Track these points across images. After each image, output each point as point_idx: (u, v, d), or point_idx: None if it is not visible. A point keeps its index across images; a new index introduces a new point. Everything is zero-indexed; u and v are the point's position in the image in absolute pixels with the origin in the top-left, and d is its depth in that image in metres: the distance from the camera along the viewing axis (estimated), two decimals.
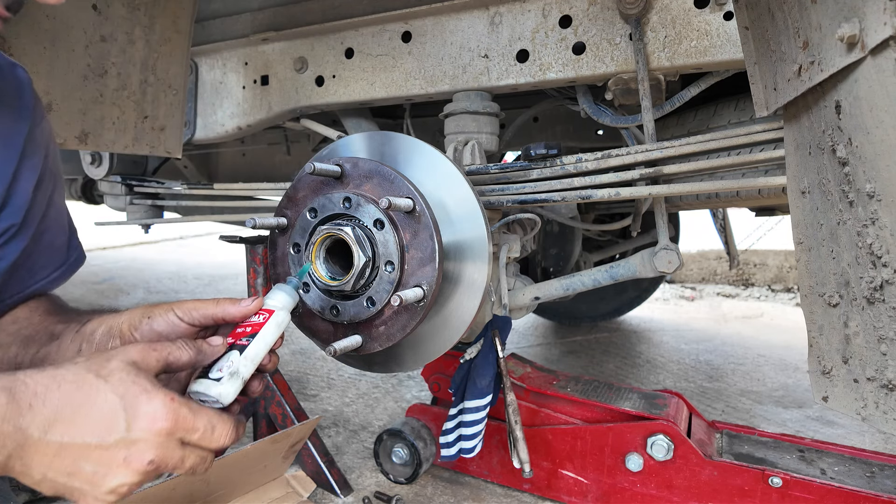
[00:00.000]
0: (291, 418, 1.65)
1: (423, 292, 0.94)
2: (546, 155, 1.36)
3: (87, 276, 4.98)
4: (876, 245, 0.77)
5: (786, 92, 0.93)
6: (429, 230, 0.95)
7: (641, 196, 1.33)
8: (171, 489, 1.17)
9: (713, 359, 3.06)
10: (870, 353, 0.81)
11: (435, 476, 1.75)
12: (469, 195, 1.03)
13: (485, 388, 1.44)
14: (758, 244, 5.33)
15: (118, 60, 1.49)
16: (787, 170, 1.01)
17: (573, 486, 1.57)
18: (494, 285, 1.58)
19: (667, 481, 1.45)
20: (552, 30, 1.43)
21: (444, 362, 1.70)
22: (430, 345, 1.07)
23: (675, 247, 1.40)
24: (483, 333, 1.50)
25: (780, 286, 4.97)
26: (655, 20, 1.32)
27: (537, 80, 1.46)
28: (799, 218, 0.97)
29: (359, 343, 0.99)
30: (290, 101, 1.79)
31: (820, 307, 0.92)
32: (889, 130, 0.71)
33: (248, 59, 1.86)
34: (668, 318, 4.00)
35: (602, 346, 3.28)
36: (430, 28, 1.57)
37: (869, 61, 0.71)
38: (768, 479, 1.33)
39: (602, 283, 1.53)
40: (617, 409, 1.54)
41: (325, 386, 2.54)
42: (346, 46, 1.69)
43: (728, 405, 2.40)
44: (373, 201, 0.97)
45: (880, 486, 1.29)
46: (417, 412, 1.74)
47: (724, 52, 1.27)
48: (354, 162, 1.01)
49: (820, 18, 0.80)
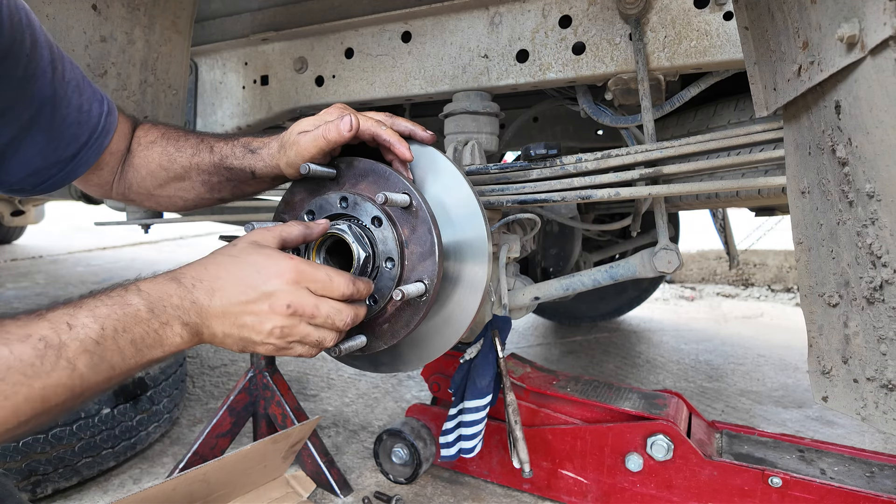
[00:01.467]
0: (291, 418, 1.65)
1: (425, 287, 0.94)
2: (546, 155, 1.36)
3: (86, 276, 4.98)
4: (876, 245, 0.77)
5: (785, 92, 0.93)
6: (427, 225, 0.95)
7: (641, 196, 1.33)
8: (172, 489, 1.17)
9: (713, 359, 3.06)
10: (869, 353, 0.81)
11: (435, 476, 1.75)
12: (469, 195, 1.03)
13: (485, 388, 1.44)
14: (758, 244, 5.33)
15: (118, 60, 1.49)
16: (787, 170, 1.01)
17: (573, 486, 1.57)
18: (494, 285, 1.58)
19: (667, 481, 1.45)
20: (552, 30, 1.43)
21: (443, 362, 1.71)
22: (432, 344, 1.07)
23: (674, 247, 1.40)
24: (483, 333, 1.50)
25: (780, 286, 4.98)
26: (655, 20, 1.32)
27: (537, 80, 1.46)
28: (799, 218, 0.97)
29: (364, 342, 0.99)
30: (289, 101, 1.79)
31: (820, 307, 0.92)
32: (889, 130, 0.71)
33: (247, 59, 1.86)
34: (668, 318, 4.00)
35: (602, 346, 3.28)
36: (430, 28, 1.57)
37: (869, 61, 0.71)
38: (768, 479, 1.33)
39: (602, 283, 1.53)
40: (617, 409, 1.54)
41: (324, 386, 2.54)
42: (345, 46, 1.69)
43: (728, 405, 2.40)
44: (370, 199, 0.97)
45: (880, 486, 1.29)
46: (417, 412, 1.74)
47: (723, 52, 1.28)
48: (349, 161, 1.01)
49: (820, 18, 0.80)
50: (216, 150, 1.07)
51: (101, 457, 1.65)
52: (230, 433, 1.68)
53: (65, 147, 1.00)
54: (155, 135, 1.11)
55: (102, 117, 1.04)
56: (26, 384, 0.61)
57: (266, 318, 0.80)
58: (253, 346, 0.83)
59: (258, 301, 0.80)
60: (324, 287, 0.84)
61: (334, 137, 0.96)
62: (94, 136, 1.03)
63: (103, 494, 1.64)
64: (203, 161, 1.07)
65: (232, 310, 0.80)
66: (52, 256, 6.09)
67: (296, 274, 0.82)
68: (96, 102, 1.03)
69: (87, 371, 0.66)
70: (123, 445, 1.71)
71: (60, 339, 0.65)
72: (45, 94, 0.94)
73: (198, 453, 1.60)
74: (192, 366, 2.77)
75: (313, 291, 0.83)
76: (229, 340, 0.81)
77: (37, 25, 0.94)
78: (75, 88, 1.00)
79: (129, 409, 1.71)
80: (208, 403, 2.31)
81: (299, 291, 0.82)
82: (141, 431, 1.76)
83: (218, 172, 1.08)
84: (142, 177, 1.11)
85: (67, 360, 0.65)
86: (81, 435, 1.57)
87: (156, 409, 1.82)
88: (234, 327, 0.80)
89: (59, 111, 0.97)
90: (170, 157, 1.09)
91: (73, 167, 1.03)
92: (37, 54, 0.92)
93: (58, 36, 1.36)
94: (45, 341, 0.64)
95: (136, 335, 0.71)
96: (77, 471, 1.59)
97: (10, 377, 0.61)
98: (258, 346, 0.83)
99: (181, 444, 1.95)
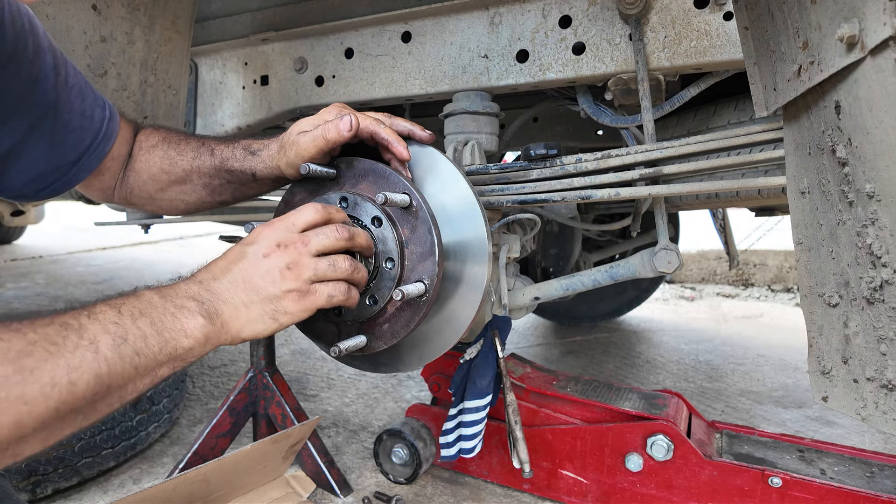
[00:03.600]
0: (291, 419, 1.64)
1: (425, 287, 0.94)
2: (546, 155, 1.36)
3: (86, 276, 4.98)
4: (875, 245, 0.77)
5: (785, 92, 0.93)
6: (427, 225, 0.95)
7: (641, 196, 1.33)
8: (172, 489, 1.17)
9: (713, 359, 3.06)
10: (869, 353, 0.81)
11: (435, 476, 1.75)
12: (469, 195, 1.03)
13: (485, 388, 1.44)
14: (757, 244, 5.33)
15: (118, 61, 1.49)
16: (787, 170, 1.01)
17: (573, 486, 1.57)
18: (494, 285, 1.58)
19: (667, 481, 1.45)
20: (552, 30, 1.43)
21: (443, 362, 1.71)
22: (432, 344, 1.08)
23: (674, 247, 1.40)
24: (483, 333, 1.50)
25: (780, 286, 4.98)
26: (655, 20, 1.32)
27: (537, 80, 1.46)
28: (798, 218, 0.97)
29: (364, 343, 0.99)
30: (289, 102, 1.79)
31: (820, 307, 0.92)
32: (889, 130, 0.71)
33: (247, 59, 1.86)
34: (668, 318, 4.00)
35: (602, 346, 3.28)
36: (430, 28, 1.57)
37: (869, 61, 0.71)
38: (768, 479, 1.33)
39: (602, 284, 1.53)
40: (617, 409, 1.54)
41: (324, 386, 2.54)
42: (345, 46, 1.69)
43: (728, 405, 2.40)
44: (370, 199, 0.97)
45: (880, 486, 1.29)
46: (417, 412, 1.74)
47: (723, 53, 1.28)
48: (349, 161, 1.01)
49: (820, 18, 0.80)
50: (217, 152, 1.07)
51: (101, 457, 1.65)
52: (230, 433, 1.68)
53: (67, 152, 1.00)
54: (156, 139, 1.12)
55: (105, 122, 1.04)
56: (51, 361, 0.60)
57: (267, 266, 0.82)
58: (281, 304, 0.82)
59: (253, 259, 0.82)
60: (298, 215, 0.87)
61: (334, 137, 0.96)
62: (96, 141, 1.03)
63: (103, 494, 1.64)
64: (204, 164, 1.08)
65: (237, 278, 0.81)
66: (52, 256, 6.09)
67: (271, 223, 0.87)
68: (98, 107, 1.04)
69: (111, 354, 0.65)
70: (123, 445, 1.71)
71: (80, 322, 0.65)
72: (47, 99, 0.94)
73: (198, 453, 1.60)
74: (192, 366, 2.77)
75: (293, 228, 0.86)
76: (255, 310, 0.81)
77: (40, 30, 0.94)
78: (78, 93, 1.00)
79: (129, 410, 1.71)
80: (208, 403, 2.31)
81: (281, 231, 0.85)
82: (141, 431, 1.76)
83: (219, 175, 1.08)
84: (143, 181, 1.11)
85: (89, 339, 0.64)
86: (81, 435, 1.57)
87: (156, 409, 1.82)
88: (250, 292, 0.80)
89: (61, 116, 0.97)
90: (171, 160, 1.09)
91: (75, 172, 1.03)
92: (39, 59, 0.92)
93: (58, 36, 1.36)
94: (65, 324, 0.64)
95: (154, 318, 0.71)
96: (77, 471, 1.59)
97: (35, 352, 0.59)
98: (284, 301, 0.82)
99: (181, 444, 1.95)
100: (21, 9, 0.90)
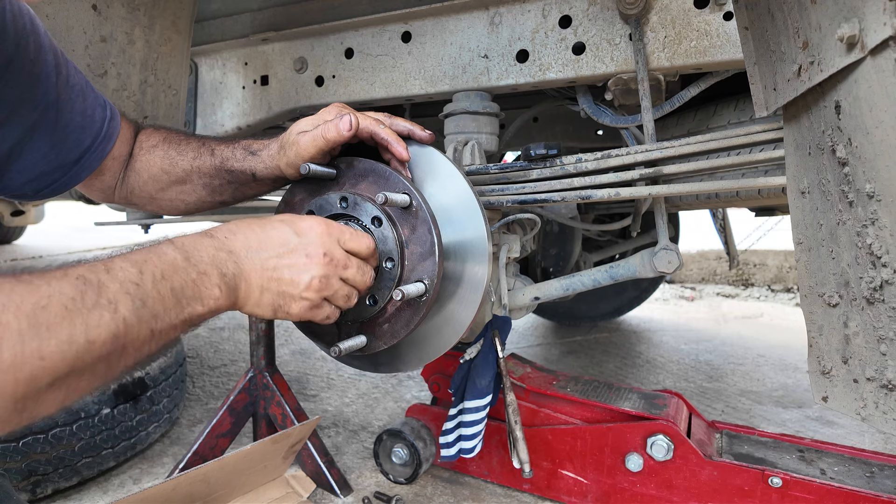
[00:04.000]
0: (291, 419, 1.65)
1: (425, 287, 0.94)
2: (546, 155, 1.36)
3: None
4: (875, 245, 0.77)
5: (785, 92, 0.93)
6: (427, 224, 0.95)
7: (641, 196, 1.33)
8: (172, 489, 1.17)
9: (713, 359, 3.06)
10: (869, 353, 0.81)
11: (435, 476, 1.75)
12: (469, 195, 1.03)
13: (484, 388, 1.44)
14: (757, 244, 5.33)
15: (118, 61, 1.49)
16: (787, 170, 1.01)
17: (573, 486, 1.57)
18: (494, 285, 1.58)
19: (666, 481, 1.45)
20: (552, 30, 1.43)
21: (443, 362, 1.71)
22: (432, 344, 1.08)
23: (674, 247, 1.39)
24: (483, 333, 1.50)
25: (780, 286, 4.98)
26: (655, 20, 1.32)
27: (537, 80, 1.46)
28: (798, 218, 0.97)
29: (364, 343, 0.99)
30: (289, 101, 1.79)
31: (820, 307, 0.92)
32: (889, 130, 0.71)
33: (247, 59, 1.86)
34: (668, 318, 4.00)
35: (602, 346, 3.28)
36: (430, 28, 1.57)
37: (869, 61, 0.71)
38: (768, 479, 1.33)
39: (602, 284, 1.53)
40: (617, 409, 1.54)
41: (324, 386, 2.54)
42: (345, 46, 1.69)
43: (728, 405, 2.40)
44: (370, 199, 0.97)
45: (880, 486, 1.29)
46: (417, 412, 1.74)
47: (723, 53, 1.28)
48: (349, 161, 1.01)
49: (820, 18, 0.80)
50: (217, 152, 1.07)
51: (101, 457, 1.65)
52: (230, 433, 1.68)
53: (68, 151, 1.00)
54: (157, 139, 1.12)
55: (105, 122, 1.04)
56: (68, 318, 0.57)
57: (304, 269, 0.82)
58: (289, 304, 0.83)
59: (294, 253, 0.82)
60: (352, 238, 0.88)
61: (333, 137, 0.96)
62: (97, 140, 1.03)
63: (103, 494, 1.64)
64: (204, 164, 1.08)
65: (268, 263, 0.81)
66: (52, 256, 6.09)
67: (326, 226, 0.86)
68: (99, 107, 1.04)
69: (130, 315, 0.63)
70: (123, 445, 1.71)
71: (99, 278, 0.62)
72: (49, 99, 0.94)
73: (198, 453, 1.60)
74: (192, 366, 2.77)
75: (341, 244, 0.87)
76: (266, 297, 0.81)
77: (41, 30, 0.94)
78: (79, 93, 1.00)
79: (129, 409, 1.71)
80: (208, 403, 2.31)
81: (331, 242, 0.85)
82: (141, 431, 1.76)
83: (219, 175, 1.08)
84: (144, 181, 1.11)
85: (108, 299, 0.62)
86: (81, 435, 1.57)
87: (156, 409, 1.82)
88: (272, 282, 0.81)
89: (62, 116, 0.97)
90: (171, 160, 1.09)
91: (75, 172, 1.03)
92: (41, 59, 0.92)
93: (58, 36, 1.36)
94: (83, 279, 0.61)
95: (175, 283, 0.70)
96: (77, 471, 1.59)
97: (51, 306, 0.57)
98: (294, 303, 0.83)
99: (181, 444, 1.95)
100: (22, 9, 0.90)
